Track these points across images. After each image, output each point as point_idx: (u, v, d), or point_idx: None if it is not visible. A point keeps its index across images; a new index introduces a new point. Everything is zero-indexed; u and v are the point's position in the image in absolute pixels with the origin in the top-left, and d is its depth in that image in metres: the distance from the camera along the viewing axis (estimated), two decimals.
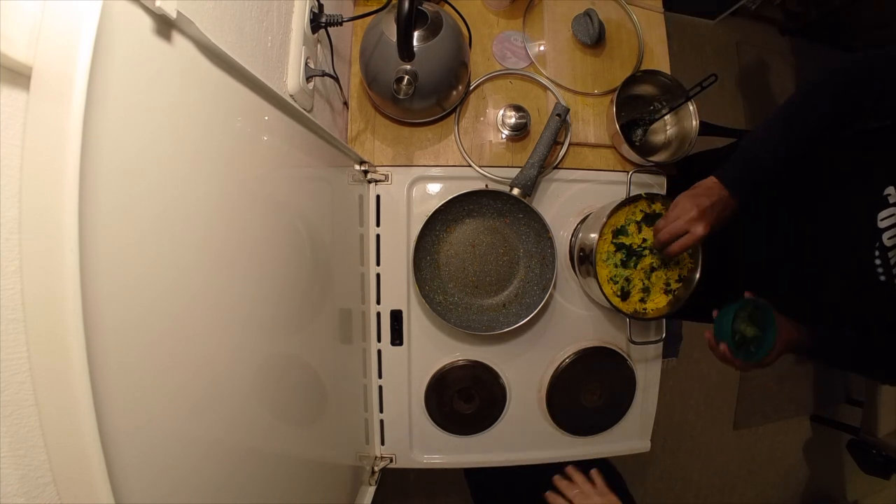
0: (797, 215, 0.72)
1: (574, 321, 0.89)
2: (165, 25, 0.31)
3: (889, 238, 0.59)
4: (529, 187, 0.79)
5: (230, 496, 0.40)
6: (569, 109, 0.82)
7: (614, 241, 0.77)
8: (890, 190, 0.58)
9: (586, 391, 0.89)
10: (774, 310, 0.68)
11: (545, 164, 0.82)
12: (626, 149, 0.83)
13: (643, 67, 0.90)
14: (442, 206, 0.77)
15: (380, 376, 0.86)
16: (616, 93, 0.82)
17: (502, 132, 0.86)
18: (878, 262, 0.60)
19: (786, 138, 0.63)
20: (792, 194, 0.72)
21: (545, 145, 0.79)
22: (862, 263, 0.61)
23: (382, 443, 0.88)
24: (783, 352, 0.69)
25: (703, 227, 0.65)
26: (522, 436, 0.89)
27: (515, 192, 0.79)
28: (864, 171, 0.64)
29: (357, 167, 0.78)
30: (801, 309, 0.72)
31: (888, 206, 0.58)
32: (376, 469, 0.84)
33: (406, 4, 0.55)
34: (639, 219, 0.77)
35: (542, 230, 0.81)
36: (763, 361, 0.69)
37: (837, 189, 0.66)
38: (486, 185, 0.83)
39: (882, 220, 0.59)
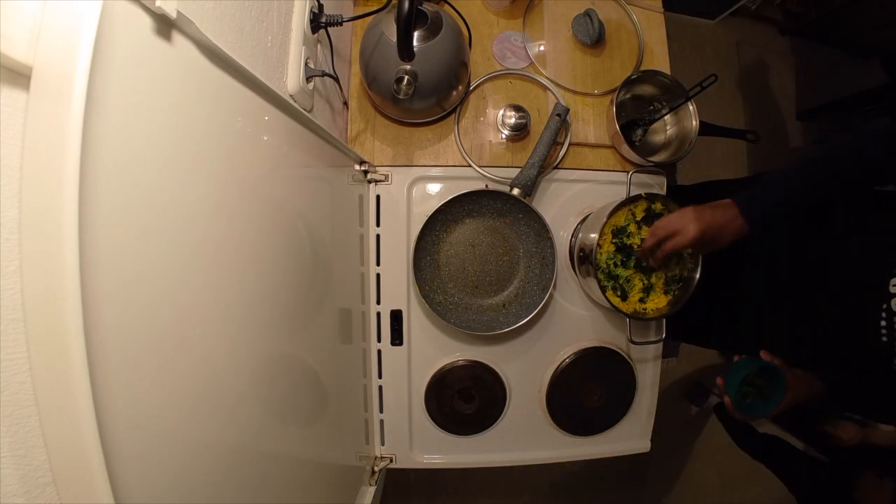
0: (808, 257, 0.72)
1: (574, 321, 0.89)
2: (165, 25, 0.31)
3: None
4: (529, 187, 0.79)
5: (230, 496, 0.40)
6: (569, 109, 0.82)
7: (614, 240, 0.77)
8: None
9: (586, 391, 0.89)
10: (787, 368, 0.68)
11: (545, 164, 0.82)
12: (626, 149, 0.83)
13: (643, 67, 0.90)
14: (442, 206, 0.77)
15: (380, 376, 0.86)
16: (616, 93, 0.82)
17: (502, 132, 0.86)
18: (883, 322, 0.60)
19: (821, 185, 0.63)
20: (805, 234, 0.73)
21: (545, 145, 0.79)
22: (867, 321, 0.62)
23: (382, 443, 0.88)
24: (790, 406, 0.69)
25: (696, 227, 0.64)
26: (522, 436, 0.89)
27: (515, 192, 0.79)
28: (881, 229, 0.65)
29: (357, 167, 0.78)
30: (798, 349, 0.73)
31: None
32: (376, 469, 0.84)
33: (406, 4, 0.55)
34: (639, 219, 0.77)
35: (542, 230, 0.81)
36: (766, 416, 0.69)
37: (851, 240, 0.67)
38: (486, 185, 0.83)
39: (894, 284, 0.59)
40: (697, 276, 0.76)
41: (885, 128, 0.61)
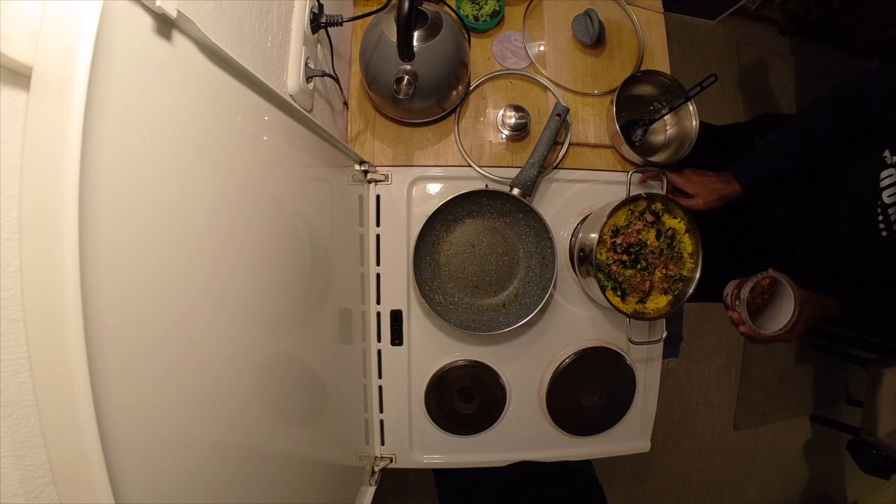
0: (800, 180, 0.79)
1: (574, 321, 0.89)
2: (166, 25, 0.31)
3: (889, 196, 0.64)
4: (529, 187, 0.79)
5: (230, 496, 0.40)
6: (568, 109, 0.82)
7: (614, 240, 0.77)
8: (886, 153, 0.65)
9: (586, 391, 0.89)
10: (796, 285, 0.69)
11: (545, 164, 0.82)
12: (626, 149, 0.83)
13: (643, 67, 0.90)
14: (442, 205, 0.77)
15: (380, 376, 0.86)
16: (616, 93, 0.82)
17: (502, 132, 0.86)
18: (880, 218, 0.65)
19: (795, 151, 0.76)
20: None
21: (545, 145, 0.79)
22: (865, 220, 0.67)
23: (382, 443, 0.88)
24: (808, 323, 0.70)
25: (706, 201, 0.81)
26: (522, 436, 0.89)
27: (515, 192, 0.79)
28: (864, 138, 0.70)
29: (357, 167, 0.78)
30: (809, 272, 0.77)
31: (887, 166, 0.65)
32: (376, 469, 0.84)
33: (406, 4, 0.55)
34: (639, 219, 0.77)
35: (542, 230, 0.81)
36: (785, 335, 0.69)
37: (838, 153, 0.74)
38: (486, 185, 0.83)
39: (883, 178, 0.65)
40: (698, 275, 0.76)
41: (824, 97, 0.74)
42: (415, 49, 0.65)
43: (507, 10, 0.88)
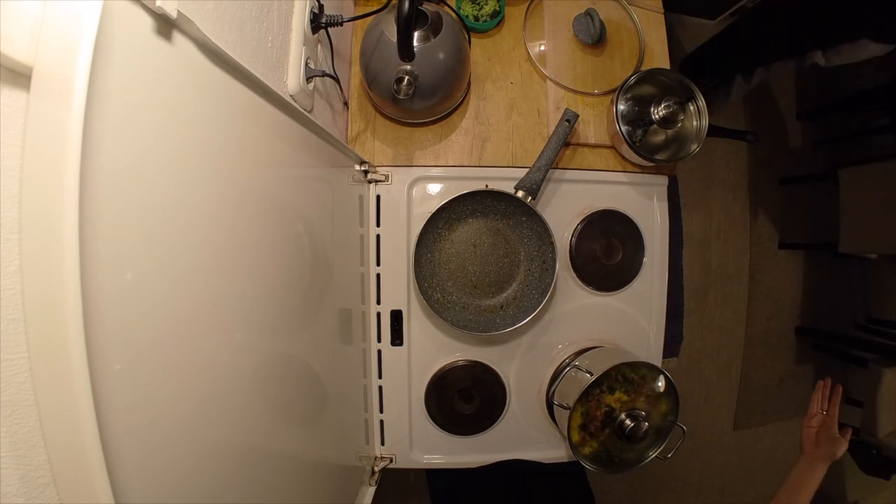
0: None
1: (574, 322, 0.88)
2: (166, 25, 0.31)
3: None
4: (535, 190, 0.79)
5: (230, 496, 0.40)
6: (578, 116, 0.81)
7: (584, 434, 0.76)
8: None
9: None
10: None
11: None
12: (626, 149, 0.83)
13: (643, 67, 0.90)
14: (445, 203, 0.77)
15: (380, 376, 0.86)
16: (616, 93, 0.82)
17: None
18: None
19: None
20: None
21: (553, 150, 0.79)
22: None
23: (382, 443, 0.88)
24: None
25: None
26: (523, 436, 0.89)
27: (520, 194, 0.78)
28: None
29: (357, 167, 0.78)
30: None
31: None
32: (376, 469, 0.84)
33: (406, 4, 0.55)
34: (596, 407, 0.76)
35: (544, 234, 0.80)
36: None
37: None
38: (486, 185, 0.83)
39: None
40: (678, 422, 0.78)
41: None
42: (415, 49, 0.65)
43: (508, 10, 0.88)
